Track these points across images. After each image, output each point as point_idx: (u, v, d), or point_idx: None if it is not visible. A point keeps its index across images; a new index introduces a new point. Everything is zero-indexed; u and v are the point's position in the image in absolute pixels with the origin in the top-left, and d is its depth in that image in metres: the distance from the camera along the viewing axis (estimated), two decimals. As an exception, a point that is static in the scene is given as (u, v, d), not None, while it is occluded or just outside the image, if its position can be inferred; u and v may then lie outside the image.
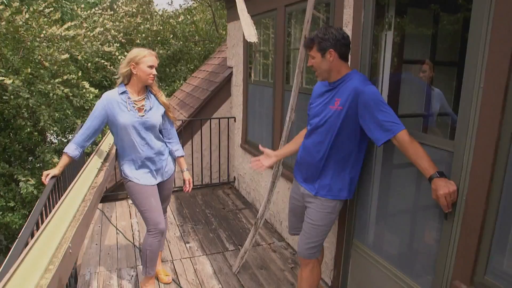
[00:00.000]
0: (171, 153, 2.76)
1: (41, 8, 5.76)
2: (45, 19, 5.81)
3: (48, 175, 2.34)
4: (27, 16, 5.18)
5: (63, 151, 2.47)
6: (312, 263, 2.40)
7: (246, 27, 3.05)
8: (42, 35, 5.33)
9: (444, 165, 1.87)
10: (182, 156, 2.82)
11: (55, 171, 2.38)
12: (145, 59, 2.43)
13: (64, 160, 2.45)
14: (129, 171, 2.59)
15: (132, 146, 2.52)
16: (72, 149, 2.44)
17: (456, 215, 1.72)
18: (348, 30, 2.47)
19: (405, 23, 2.58)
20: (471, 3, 1.59)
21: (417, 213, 2.22)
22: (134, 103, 2.49)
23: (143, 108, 2.51)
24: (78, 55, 6.02)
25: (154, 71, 2.47)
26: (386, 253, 2.36)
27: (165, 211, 2.91)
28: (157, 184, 2.68)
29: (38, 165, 6.06)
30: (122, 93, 2.48)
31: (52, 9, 6.10)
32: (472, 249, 1.64)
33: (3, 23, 4.92)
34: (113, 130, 2.55)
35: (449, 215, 1.75)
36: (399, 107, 2.55)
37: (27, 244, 1.61)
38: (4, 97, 4.82)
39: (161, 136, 2.66)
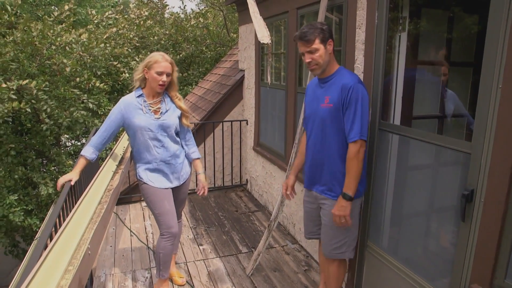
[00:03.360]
0: (187, 156, 2.76)
1: (52, 19, 5.86)
2: (62, 25, 5.91)
3: (70, 180, 2.31)
4: (40, 27, 5.29)
5: (80, 153, 2.49)
6: (338, 259, 2.40)
7: (259, 29, 3.07)
8: (57, 43, 5.43)
9: (461, 167, 1.86)
10: (198, 158, 2.81)
11: (73, 175, 2.36)
12: (155, 64, 2.42)
13: (81, 163, 2.46)
14: (144, 173, 2.60)
15: (148, 148, 2.54)
16: (89, 152, 2.46)
17: (474, 217, 1.70)
18: (361, 31, 2.46)
19: (419, 23, 2.56)
20: (488, 2, 1.58)
21: (432, 214, 2.20)
22: (150, 106, 2.51)
23: (159, 111, 2.53)
24: (88, 58, 6.09)
25: (163, 78, 2.44)
26: (401, 255, 2.34)
27: (180, 215, 2.91)
28: (174, 188, 2.69)
29: (54, 168, 6.16)
30: (139, 96, 2.51)
31: (68, 15, 6.20)
32: (491, 252, 1.62)
33: (19, 34, 5.03)
34: (129, 133, 2.57)
35: (467, 217, 1.73)
36: (413, 109, 2.54)
37: (46, 246, 1.64)
38: (24, 99, 4.91)
39: (177, 139, 2.66)
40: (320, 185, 2.32)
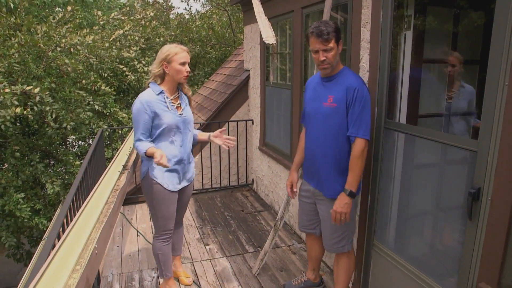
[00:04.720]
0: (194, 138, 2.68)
1: (56, 20, 5.90)
2: (67, 26, 5.95)
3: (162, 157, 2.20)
4: (44, 28, 5.34)
5: (145, 153, 2.33)
6: (346, 252, 2.42)
7: (264, 29, 3.07)
8: (62, 45, 5.47)
9: (467, 165, 1.84)
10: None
11: (157, 151, 2.25)
12: (176, 56, 2.35)
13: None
14: (160, 173, 2.44)
15: (170, 147, 2.44)
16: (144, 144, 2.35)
17: (481, 215, 1.69)
18: (366, 30, 2.45)
19: (424, 21, 2.55)
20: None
21: (439, 213, 2.19)
22: (172, 102, 2.46)
23: (181, 107, 2.50)
24: (95, 61, 6.13)
25: (187, 68, 2.41)
26: (408, 254, 2.33)
27: (181, 218, 2.88)
28: (180, 189, 2.63)
29: (60, 168, 6.21)
30: (159, 93, 2.40)
31: (73, 15, 6.26)
32: (499, 251, 1.61)
33: (22, 36, 5.07)
34: (153, 131, 2.42)
35: (474, 216, 1.72)
36: (419, 106, 2.53)
37: (54, 245, 1.66)
38: (29, 103, 4.96)
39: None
40: (319, 181, 2.34)
